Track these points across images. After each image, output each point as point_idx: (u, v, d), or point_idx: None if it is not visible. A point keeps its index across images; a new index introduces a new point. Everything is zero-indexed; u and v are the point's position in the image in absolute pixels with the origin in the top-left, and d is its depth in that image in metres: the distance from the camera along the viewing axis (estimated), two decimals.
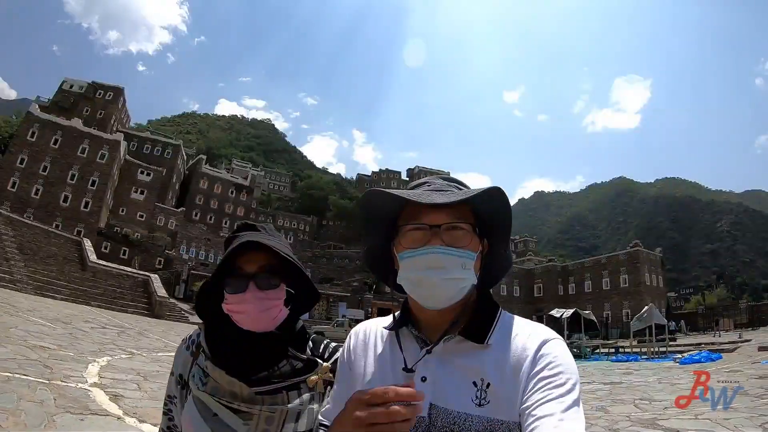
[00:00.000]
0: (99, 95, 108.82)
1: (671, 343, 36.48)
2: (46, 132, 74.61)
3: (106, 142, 78.42)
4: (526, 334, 1.33)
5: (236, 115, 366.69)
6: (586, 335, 40.41)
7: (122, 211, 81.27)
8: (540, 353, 1.27)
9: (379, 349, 1.49)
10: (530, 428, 1.14)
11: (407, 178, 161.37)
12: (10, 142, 73.37)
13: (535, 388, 1.21)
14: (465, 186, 1.48)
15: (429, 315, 1.41)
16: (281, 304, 1.66)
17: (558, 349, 1.28)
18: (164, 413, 1.81)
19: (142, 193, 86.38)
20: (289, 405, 1.58)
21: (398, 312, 1.51)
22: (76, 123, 79.76)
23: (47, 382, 8.86)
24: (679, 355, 27.61)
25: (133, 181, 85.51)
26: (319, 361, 1.69)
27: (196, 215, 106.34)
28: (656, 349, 33.11)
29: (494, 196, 1.37)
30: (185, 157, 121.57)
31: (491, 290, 1.53)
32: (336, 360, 1.67)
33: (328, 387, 1.64)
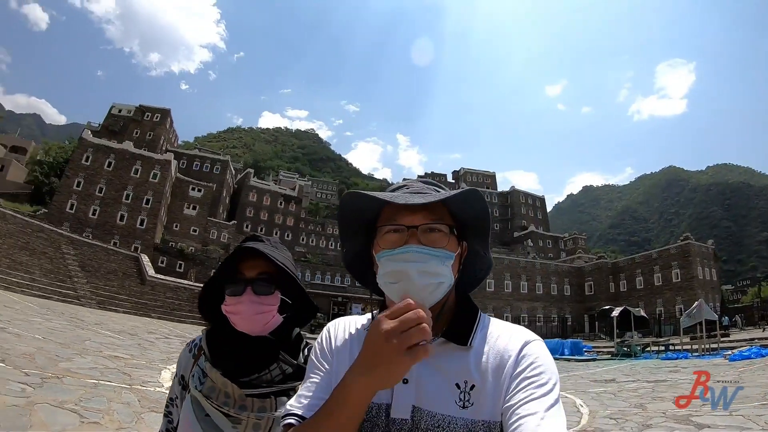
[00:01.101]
0: (147, 117, 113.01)
1: (724, 339, 35.15)
2: (100, 156, 77.95)
3: (157, 162, 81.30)
4: (508, 336, 1.37)
5: (280, 127, 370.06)
6: (638, 333, 39.74)
7: (176, 226, 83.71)
8: (522, 354, 1.30)
9: (356, 349, 1.42)
10: (513, 426, 1.16)
11: (452, 181, 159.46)
12: (67, 167, 76.91)
13: (518, 388, 1.23)
14: (443, 188, 1.54)
15: None
16: (275, 310, 1.83)
17: (539, 350, 1.32)
18: (164, 415, 1.97)
19: (194, 208, 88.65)
20: (276, 413, 1.70)
21: (377, 312, 1.56)
22: (128, 146, 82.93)
23: (129, 386, 10.01)
24: (729, 352, 27.21)
25: (185, 197, 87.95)
26: None
27: (247, 227, 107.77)
28: (707, 346, 32.11)
29: (472, 198, 1.41)
30: (233, 172, 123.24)
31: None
32: None
33: None
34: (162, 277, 52.73)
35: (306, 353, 1.89)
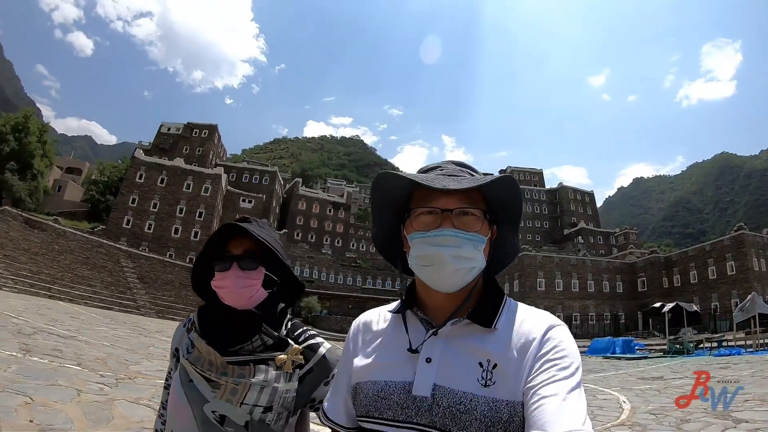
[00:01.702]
0: (195, 134, 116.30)
1: None
2: (153, 173, 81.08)
3: (208, 176, 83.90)
4: (533, 320, 1.39)
5: (325, 135, 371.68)
6: (692, 329, 38.29)
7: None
8: (546, 337, 1.31)
9: (384, 332, 1.55)
10: (535, 406, 1.18)
11: None
12: (121, 185, 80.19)
13: (541, 369, 1.25)
14: (477, 172, 1.55)
15: (436, 298, 1.46)
16: (259, 284, 1.91)
17: (563, 334, 1.33)
18: (165, 387, 2.09)
19: None
20: (252, 379, 1.77)
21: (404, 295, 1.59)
22: (179, 162, 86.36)
23: None
24: None
25: (236, 209, 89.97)
26: (290, 341, 1.90)
27: (297, 235, 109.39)
28: (761, 341, 30.32)
29: (506, 184, 1.43)
30: (282, 182, 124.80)
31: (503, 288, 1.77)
32: (309, 345, 1.91)
33: (296, 369, 1.85)
34: None
35: (289, 326, 2.01)
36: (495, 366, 1.29)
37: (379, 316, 1.62)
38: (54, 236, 48.30)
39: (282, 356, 1.82)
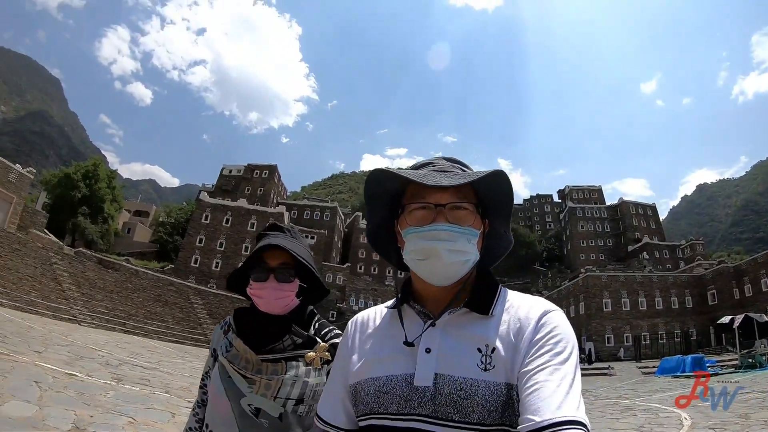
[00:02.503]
0: (256, 175, 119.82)
1: None
2: (218, 214, 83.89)
3: (270, 215, 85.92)
4: (528, 305, 1.40)
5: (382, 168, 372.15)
6: (766, 341, 35.60)
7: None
8: (541, 322, 1.32)
9: (381, 328, 1.57)
10: (529, 391, 1.19)
11: (559, 200, 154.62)
12: (189, 226, 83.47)
13: (536, 354, 1.26)
14: (468, 167, 1.57)
15: (432, 291, 1.48)
16: (293, 295, 2.10)
17: (558, 319, 1.34)
18: (200, 387, 2.29)
19: None
20: (285, 376, 1.96)
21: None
22: (242, 203, 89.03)
23: None
24: None
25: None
26: (318, 339, 2.10)
27: (360, 268, 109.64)
28: None
29: (496, 178, 1.43)
30: (342, 216, 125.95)
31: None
32: (333, 344, 2.06)
33: (324, 365, 2.03)
34: None
35: (316, 326, 2.18)
36: (494, 350, 1.31)
37: (375, 314, 1.66)
38: (127, 275, 50.22)
39: (311, 353, 2.04)
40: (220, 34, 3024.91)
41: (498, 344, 1.31)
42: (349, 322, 1.68)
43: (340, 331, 2.10)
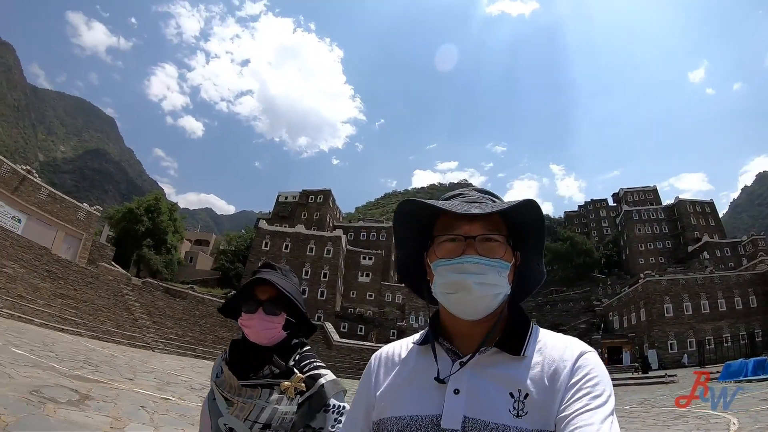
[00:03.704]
0: (311, 200, 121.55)
1: None
2: (277, 240, 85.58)
3: (328, 239, 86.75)
4: (562, 346, 1.36)
5: (434, 184, 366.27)
6: None
7: (353, 294, 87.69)
8: (577, 365, 1.28)
9: (406, 364, 1.52)
10: None
11: (614, 204, 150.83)
12: (249, 253, 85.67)
13: (574, 398, 1.22)
14: (499, 198, 1.53)
15: (462, 327, 1.44)
16: (280, 327, 2.25)
17: (594, 361, 1.31)
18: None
19: (367, 275, 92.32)
20: (258, 400, 2.09)
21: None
22: (300, 229, 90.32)
23: None
24: None
25: (357, 266, 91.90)
26: (295, 370, 2.17)
27: None
28: None
29: (528, 208, 1.39)
30: None
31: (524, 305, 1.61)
32: (312, 375, 2.16)
33: (298, 395, 2.11)
34: (346, 341, 56.54)
35: (296, 358, 2.26)
36: (526, 396, 1.27)
37: (401, 348, 1.62)
38: (194, 303, 52.05)
39: (286, 383, 2.12)
40: (263, 63, 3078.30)
41: (531, 389, 1.27)
42: (373, 357, 1.67)
43: (322, 364, 2.24)
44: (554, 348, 1.35)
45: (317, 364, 2.24)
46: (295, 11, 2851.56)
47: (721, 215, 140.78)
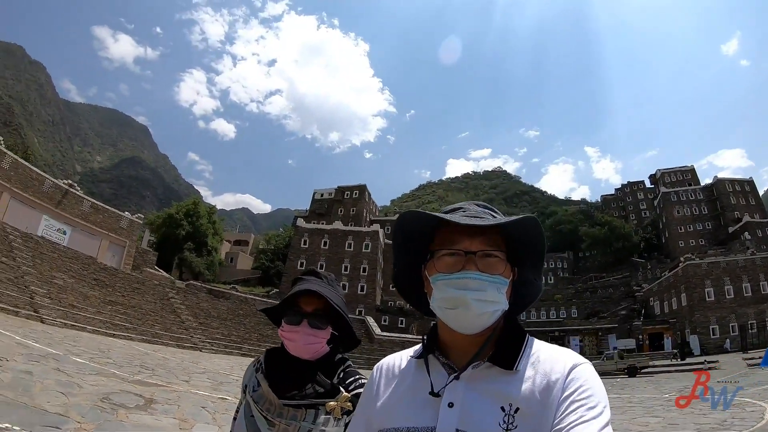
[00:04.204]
0: (347, 196, 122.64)
1: None
2: (315, 238, 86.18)
3: (366, 234, 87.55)
4: (555, 359, 1.35)
5: (468, 173, 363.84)
6: None
7: (392, 287, 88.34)
8: (570, 377, 1.28)
9: (405, 377, 1.53)
10: None
11: (651, 185, 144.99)
12: (289, 252, 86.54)
13: (568, 411, 1.21)
14: (499, 213, 1.51)
15: (458, 341, 1.44)
16: (324, 342, 2.12)
17: (587, 373, 1.30)
18: (234, 418, 2.25)
19: None
20: (302, 422, 1.96)
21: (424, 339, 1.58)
22: (338, 225, 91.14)
23: None
24: None
25: None
26: (341, 389, 2.05)
27: None
28: None
29: (528, 224, 1.40)
30: None
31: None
32: (357, 394, 2.01)
33: (345, 414, 1.99)
34: (387, 334, 56.99)
35: (341, 375, 2.14)
36: (517, 410, 1.27)
37: (401, 361, 1.63)
38: (237, 303, 53.19)
39: (332, 403, 2.01)
40: (290, 62, 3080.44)
41: (522, 403, 1.28)
42: (375, 368, 1.68)
43: (365, 379, 2.03)
44: (547, 361, 1.36)
45: (363, 380, 2.12)
46: (318, 8, 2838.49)
47: (761, 192, 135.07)
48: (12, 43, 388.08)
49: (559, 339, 70.61)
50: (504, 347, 1.40)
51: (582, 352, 63.67)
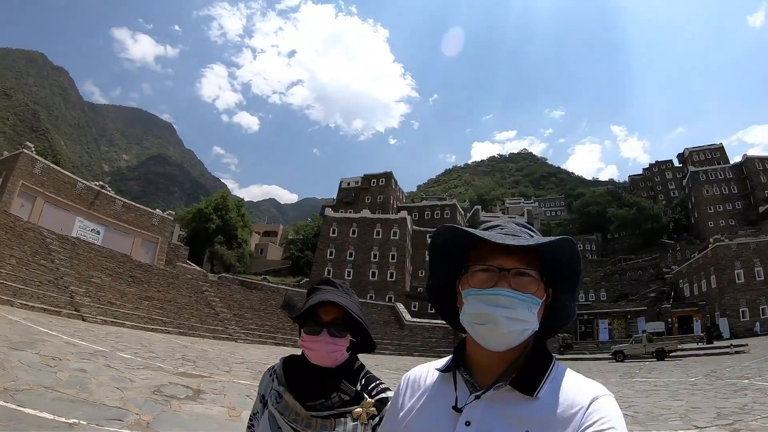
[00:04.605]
0: (373, 184, 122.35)
1: None
2: (344, 227, 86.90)
3: (394, 221, 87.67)
4: (578, 390, 1.33)
5: (494, 156, 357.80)
6: None
7: (421, 273, 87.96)
8: (590, 410, 1.25)
9: (430, 390, 1.53)
10: None
11: (679, 164, 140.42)
12: (318, 241, 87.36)
13: None
14: (536, 233, 1.50)
15: (485, 358, 1.43)
16: (344, 349, 2.12)
17: (608, 406, 1.27)
18: (248, 428, 2.27)
19: None
20: (333, 431, 1.95)
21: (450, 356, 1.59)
22: (366, 213, 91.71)
23: None
24: None
25: (424, 246, 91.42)
26: (365, 395, 2.07)
27: None
28: None
29: (565, 246, 1.37)
30: (462, 211, 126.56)
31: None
32: (381, 399, 2.06)
33: (371, 419, 2.00)
34: (417, 320, 57.08)
35: (363, 381, 2.17)
36: None
37: (427, 373, 1.63)
38: (269, 293, 54.14)
39: (358, 410, 2.03)
40: (310, 52, 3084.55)
41: (539, 431, 1.27)
42: (402, 378, 1.68)
43: (386, 385, 2.16)
44: (569, 390, 1.34)
45: (384, 386, 2.17)
46: None
47: None
48: (33, 50, 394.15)
49: (587, 323, 70.57)
50: (528, 371, 1.39)
51: (611, 336, 65.12)
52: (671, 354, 38.84)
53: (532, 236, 1.45)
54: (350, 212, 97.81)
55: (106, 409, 8.02)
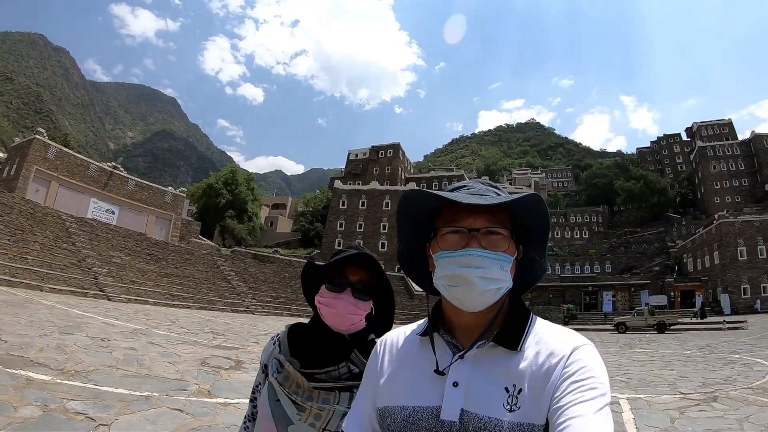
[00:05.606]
0: (381, 155, 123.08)
1: None
2: (353, 198, 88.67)
3: (403, 192, 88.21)
4: (558, 340, 1.33)
5: (501, 125, 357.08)
6: None
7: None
8: (571, 359, 1.26)
9: (410, 354, 1.49)
10: (561, 427, 1.14)
11: (687, 138, 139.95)
12: (328, 213, 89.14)
13: (567, 391, 1.20)
14: (503, 192, 1.45)
15: (463, 319, 1.41)
16: (363, 315, 1.93)
17: (589, 354, 1.28)
18: (250, 400, 2.13)
19: None
20: (336, 405, 1.81)
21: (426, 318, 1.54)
22: (374, 185, 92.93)
23: None
24: None
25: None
26: None
27: None
28: None
29: (533, 203, 1.37)
30: None
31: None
32: None
33: None
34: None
35: None
36: (520, 391, 1.27)
37: (405, 336, 1.59)
38: (282, 266, 55.54)
39: None
40: (314, 22, 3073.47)
41: (525, 384, 1.28)
42: (378, 342, 1.65)
43: None
44: (550, 342, 1.35)
45: None
46: None
47: None
48: (33, 32, 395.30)
49: (592, 294, 72.02)
50: (509, 327, 1.39)
51: (614, 308, 66.83)
52: (671, 327, 39.75)
53: (498, 195, 1.42)
54: (359, 184, 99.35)
55: (169, 382, 8.83)
